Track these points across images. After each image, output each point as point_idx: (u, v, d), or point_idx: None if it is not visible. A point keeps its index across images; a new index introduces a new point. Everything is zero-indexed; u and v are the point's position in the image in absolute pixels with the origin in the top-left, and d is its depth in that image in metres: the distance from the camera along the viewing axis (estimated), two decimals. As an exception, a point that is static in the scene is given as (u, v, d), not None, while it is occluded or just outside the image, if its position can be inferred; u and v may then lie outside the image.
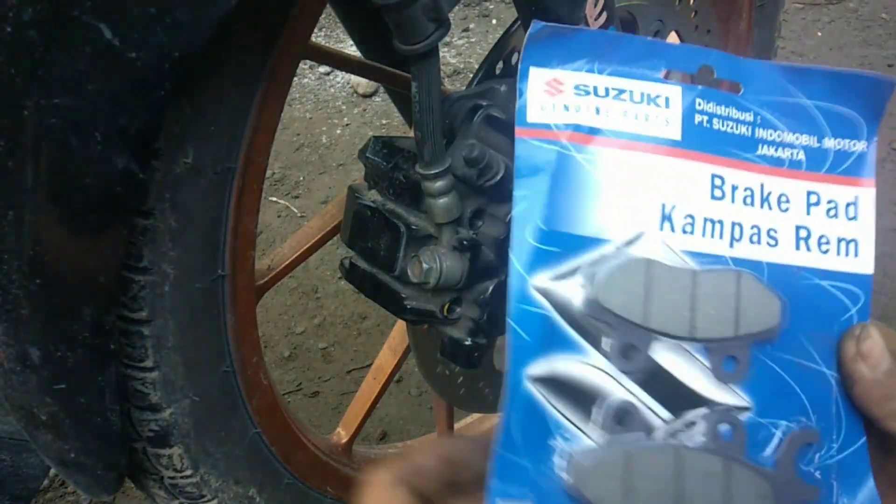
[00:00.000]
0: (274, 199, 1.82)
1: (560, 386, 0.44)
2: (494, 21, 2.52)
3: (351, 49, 0.84)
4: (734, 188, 0.43)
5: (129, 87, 0.43)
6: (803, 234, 0.43)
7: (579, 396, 0.44)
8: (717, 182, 0.43)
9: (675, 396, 0.42)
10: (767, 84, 0.43)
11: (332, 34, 2.47)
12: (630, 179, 0.44)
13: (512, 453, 0.41)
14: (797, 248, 0.43)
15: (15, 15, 0.39)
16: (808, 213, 0.43)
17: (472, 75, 0.69)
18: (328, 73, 2.29)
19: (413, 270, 0.61)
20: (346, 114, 2.13)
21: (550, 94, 0.44)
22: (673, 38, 0.87)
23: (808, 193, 0.43)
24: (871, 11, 2.43)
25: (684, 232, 0.43)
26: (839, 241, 0.43)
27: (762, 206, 0.43)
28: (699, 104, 0.43)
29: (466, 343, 0.66)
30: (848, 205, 0.44)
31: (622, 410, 0.42)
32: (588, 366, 0.43)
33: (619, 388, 0.42)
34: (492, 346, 0.90)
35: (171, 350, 0.61)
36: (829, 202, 0.43)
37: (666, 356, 0.44)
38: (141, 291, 0.57)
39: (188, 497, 0.70)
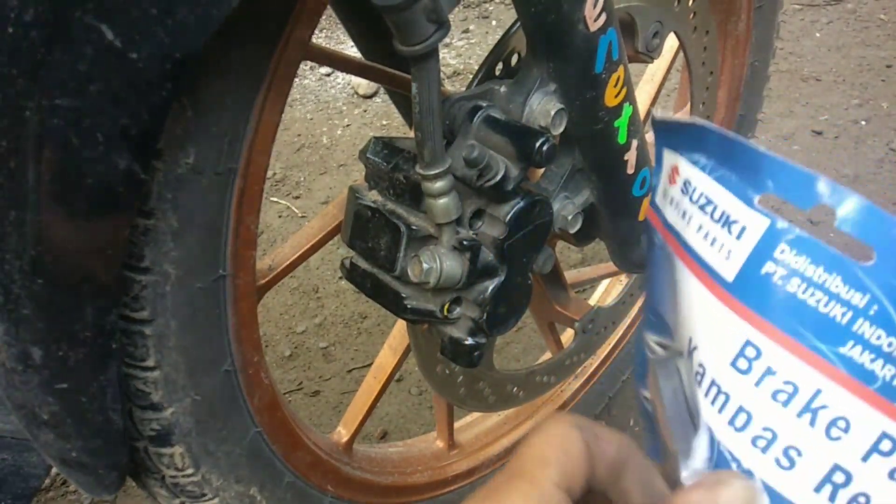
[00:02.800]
0: (275, 199, 1.82)
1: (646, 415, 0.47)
2: (494, 22, 2.52)
3: (351, 50, 0.84)
4: (768, 371, 0.31)
5: (131, 88, 0.44)
6: (840, 479, 0.30)
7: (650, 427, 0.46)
8: (750, 353, 0.32)
9: None
10: None
11: (332, 35, 2.48)
12: (685, 296, 0.38)
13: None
14: (818, 490, 0.30)
15: (16, 16, 0.39)
16: (866, 459, 0.29)
17: (471, 76, 0.69)
18: (329, 74, 2.29)
19: (413, 270, 0.62)
20: (347, 114, 2.13)
21: (670, 182, 0.40)
22: (672, 39, 0.87)
23: (883, 436, 0.29)
24: (870, 12, 2.43)
25: (695, 378, 0.35)
26: None
27: (800, 415, 0.30)
28: (781, 252, 0.31)
29: (466, 343, 0.66)
30: None
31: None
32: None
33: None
34: (492, 346, 0.91)
35: (173, 349, 0.61)
36: None
37: None
38: (142, 291, 0.57)
39: (189, 496, 0.70)
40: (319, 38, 2.44)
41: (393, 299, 0.66)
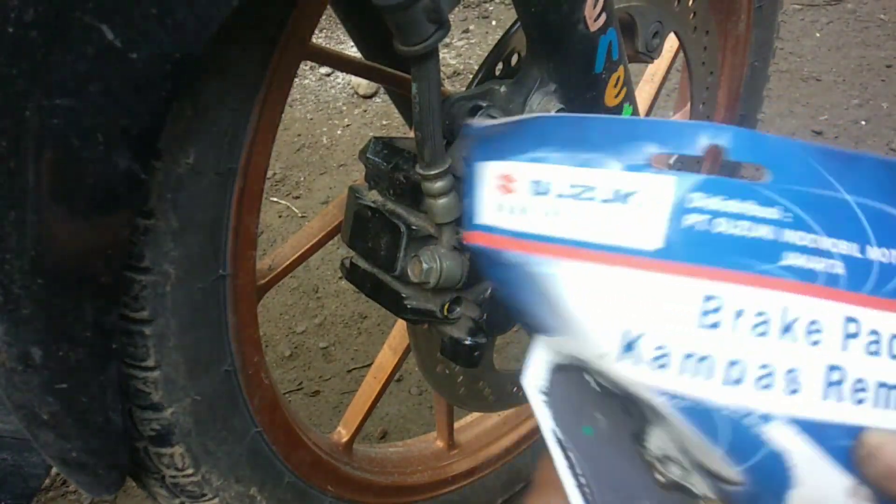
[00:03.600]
0: (275, 199, 1.82)
1: None
2: (494, 22, 2.52)
3: (351, 50, 0.84)
4: (738, 314, 0.32)
5: (131, 88, 0.44)
6: (836, 376, 0.32)
7: None
8: (712, 305, 0.32)
9: None
10: (799, 170, 0.32)
11: (332, 35, 2.48)
12: (589, 297, 0.35)
13: None
14: (825, 397, 0.32)
15: (16, 16, 0.39)
16: (845, 348, 0.32)
17: (471, 76, 0.69)
18: (329, 74, 2.29)
19: (413, 270, 0.62)
20: (347, 114, 2.13)
21: (503, 192, 0.38)
22: (672, 39, 0.87)
23: (847, 321, 0.32)
24: (870, 12, 2.43)
25: (655, 365, 0.34)
26: (879, 387, 0.32)
27: (781, 337, 0.32)
28: (695, 200, 0.32)
29: (466, 342, 0.66)
30: (894, 338, 0.32)
31: None
32: None
33: None
34: (491, 346, 0.91)
35: (173, 349, 0.61)
36: (871, 333, 0.32)
37: None
38: (142, 291, 0.57)
39: (189, 496, 0.70)
40: (319, 38, 2.44)
41: (393, 299, 0.66)
